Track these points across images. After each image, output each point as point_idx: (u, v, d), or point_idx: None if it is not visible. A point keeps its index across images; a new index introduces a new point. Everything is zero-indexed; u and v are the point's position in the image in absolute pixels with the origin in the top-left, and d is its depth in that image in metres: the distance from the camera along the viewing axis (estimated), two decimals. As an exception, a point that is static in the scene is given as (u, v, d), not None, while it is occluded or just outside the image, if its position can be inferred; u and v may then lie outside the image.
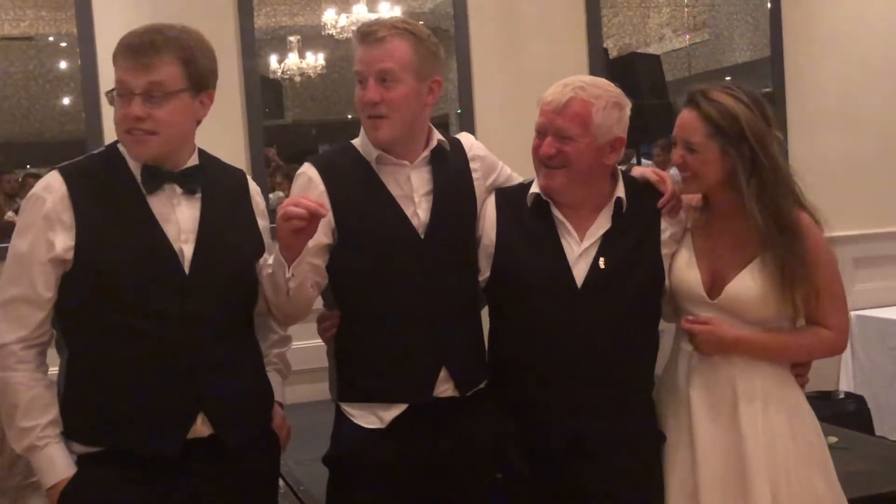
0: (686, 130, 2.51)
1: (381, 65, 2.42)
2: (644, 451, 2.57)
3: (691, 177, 2.51)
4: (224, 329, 2.31)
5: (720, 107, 2.47)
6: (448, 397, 2.49)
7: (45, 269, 2.23)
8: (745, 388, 2.51)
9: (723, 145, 2.46)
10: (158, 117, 2.22)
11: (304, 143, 5.59)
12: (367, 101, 2.43)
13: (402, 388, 2.46)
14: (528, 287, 2.51)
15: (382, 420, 2.45)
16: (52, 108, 4.52)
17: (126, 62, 2.22)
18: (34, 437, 2.24)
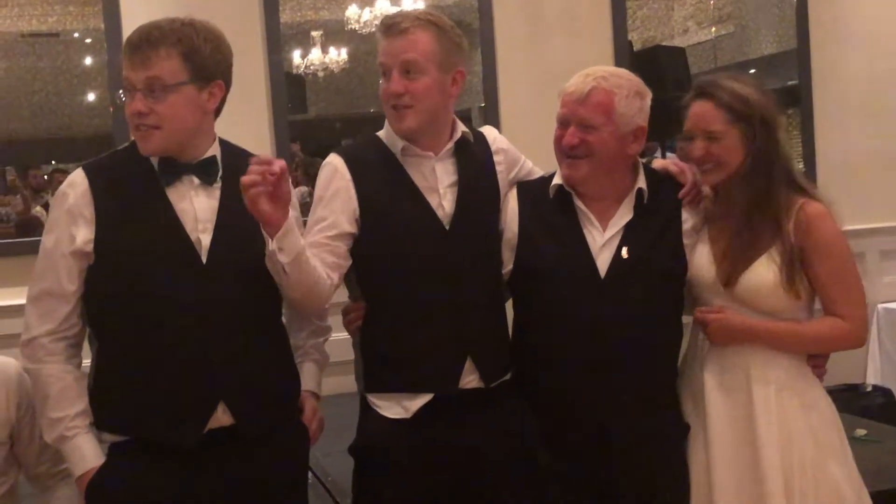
0: (705, 121, 2.52)
1: (405, 56, 2.43)
2: (670, 443, 2.58)
3: (714, 167, 2.51)
4: (244, 318, 2.32)
5: (732, 92, 2.51)
6: (473, 388, 2.49)
7: (67, 263, 2.27)
8: (758, 375, 2.51)
9: (743, 129, 2.49)
10: (160, 112, 2.24)
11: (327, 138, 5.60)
12: (392, 92, 2.44)
13: (427, 379, 2.47)
14: (551, 278, 2.51)
15: (408, 410, 2.45)
16: (80, 104, 4.55)
17: (127, 59, 2.25)
18: (63, 427, 2.28)
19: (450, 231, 2.48)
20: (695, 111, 2.55)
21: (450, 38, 2.48)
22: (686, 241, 2.58)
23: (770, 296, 2.48)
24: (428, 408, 2.46)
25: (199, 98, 2.29)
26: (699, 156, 2.53)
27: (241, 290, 2.31)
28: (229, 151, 2.41)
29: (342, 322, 2.59)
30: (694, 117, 2.55)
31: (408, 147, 2.49)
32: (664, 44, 5.64)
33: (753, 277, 2.49)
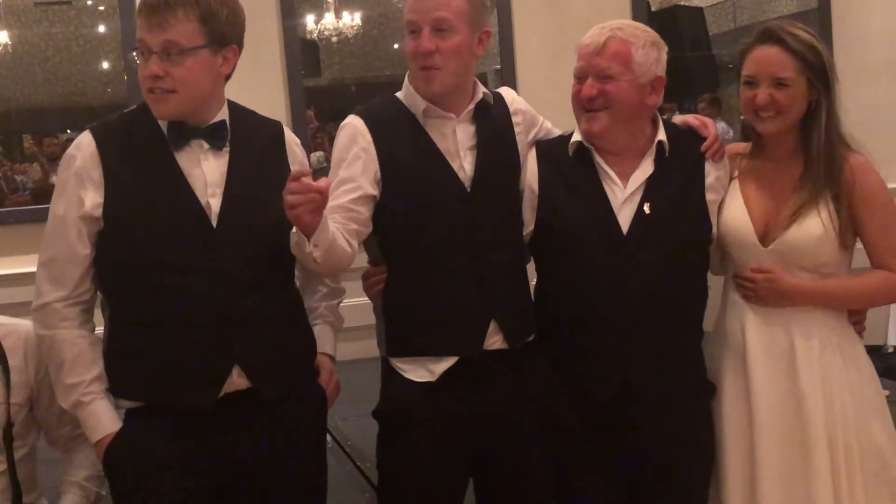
0: (774, 66, 2.46)
1: (437, 13, 2.38)
2: (693, 403, 2.56)
3: (775, 115, 2.47)
4: (256, 281, 2.30)
5: (801, 39, 2.46)
6: (497, 350, 2.48)
7: (78, 226, 2.25)
8: (801, 338, 2.48)
9: (810, 79, 2.45)
10: (176, 75, 2.20)
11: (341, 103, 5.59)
12: (422, 50, 2.38)
13: (452, 341, 2.45)
14: (572, 236, 2.49)
15: (433, 373, 2.44)
16: (94, 71, 4.54)
17: (143, 21, 2.21)
18: (79, 392, 2.28)
19: (471, 193, 2.46)
20: (762, 55, 2.48)
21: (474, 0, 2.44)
22: (710, 196, 2.55)
23: (813, 249, 2.46)
24: (453, 370, 2.44)
25: (214, 62, 2.26)
26: (763, 102, 2.47)
27: (253, 253, 2.30)
28: (238, 115, 2.39)
29: (362, 286, 2.57)
30: (761, 62, 2.48)
31: (430, 108, 2.45)
32: (682, 3, 5.58)
33: (796, 232, 2.46)
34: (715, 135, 2.58)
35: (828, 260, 2.48)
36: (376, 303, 2.56)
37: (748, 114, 2.53)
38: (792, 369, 2.48)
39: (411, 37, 2.40)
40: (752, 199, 2.53)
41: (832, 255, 2.47)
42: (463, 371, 2.44)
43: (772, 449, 2.47)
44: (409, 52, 2.41)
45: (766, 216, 2.51)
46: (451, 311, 2.44)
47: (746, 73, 2.51)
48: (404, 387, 2.46)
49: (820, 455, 2.44)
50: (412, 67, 2.43)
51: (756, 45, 2.50)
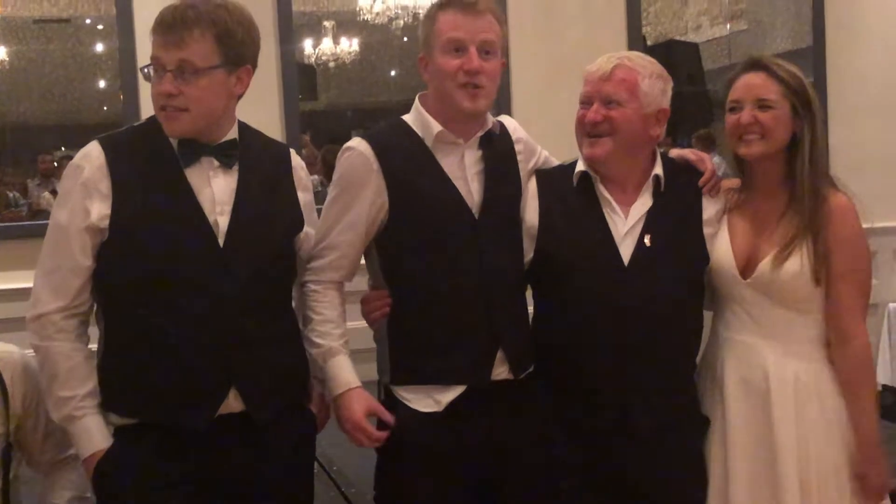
0: (758, 89, 2.51)
1: (485, 35, 2.40)
2: (689, 434, 2.56)
3: (759, 138, 2.49)
4: (259, 303, 2.30)
5: (786, 69, 2.52)
6: (503, 380, 2.47)
7: (82, 237, 2.24)
8: (776, 373, 2.49)
9: (794, 105, 2.49)
10: (189, 94, 2.20)
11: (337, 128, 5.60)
12: (472, 68, 2.38)
13: (460, 370, 2.43)
14: (574, 266, 2.49)
15: (439, 403, 2.42)
16: (90, 90, 4.54)
17: (159, 38, 2.21)
18: (72, 407, 2.26)
19: (479, 220, 2.46)
20: (747, 81, 2.53)
21: (504, 27, 2.48)
22: (707, 231, 2.56)
23: (789, 285, 2.46)
24: (459, 400, 2.43)
25: (227, 82, 2.26)
26: (747, 122, 2.50)
27: (256, 273, 2.29)
28: (248, 134, 2.39)
29: (362, 311, 2.55)
30: (746, 86, 2.53)
31: (443, 133, 2.45)
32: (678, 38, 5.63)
33: (777, 266, 2.47)
34: (712, 170, 2.59)
35: (804, 297, 2.48)
36: (376, 328, 2.54)
37: (733, 140, 2.55)
38: (766, 405, 2.48)
39: (454, 55, 2.39)
40: (737, 232, 2.55)
41: (808, 292, 2.48)
42: (468, 401, 2.42)
43: (744, 487, 2.47)
44: (450, 69, 2.39)
45: (748, 249, 2.52)
46: (458, 338, 2.43)
47: (731, 99, 2.55)
48: (410, 417, 2.43)
49: (791, 496, 2.44)
50: (448, 85, 2.40)
51: (742, 72, 2.56)
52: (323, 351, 2.43)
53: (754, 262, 2.50)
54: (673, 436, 2.51)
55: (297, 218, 2.43)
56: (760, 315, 2.51)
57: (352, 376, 2.43)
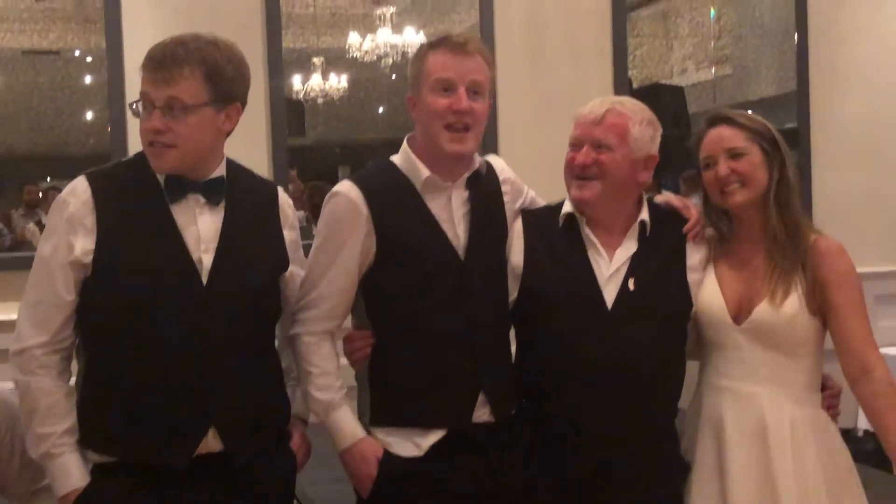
0: (726, 140, 2.54)
1: (474, 76, 2.41)
2: (669, 480, 2.54)
3: (740, 186, 2.51)
4: (240, 342, 2.28)
5: (747, 117, 2.57)
6: (483, 422, 2.46)
7: (65, 272, 2.22)
8: (774, 419, 2.48)
9: (763, 148, 2.52)
10: (178, 131, 2.20)
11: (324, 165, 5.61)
12: (461, 108, 2.38)
13: (440, 413, 2.42)
14: (557, 307, 2.49)
15: (420, 447, 2.41)
16: (78, 122, 4.54)
17: (149, 74, 2.20)
18: (50, 444, 2.24)
19: (465, 261, 2.45)
20: (713, 135, 2.56)
21: (493, 69, 2.49)
22: (691, 277, 2.57)
23: (784, 329, 2.47)
24: (440, 444, 2.41)
25: (216, 119, 2.26)
26: (724, 174, 2.52)
27: (240, 312, 2.28)
28: (236, 172, 2.39)
29: (344, 350, 2.53)
30: (713, 140, 2.56)
31: (432, 178, 2.44)
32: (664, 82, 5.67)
33: (767, 310, 2.47)
34: (696, 217, 2.60)
35: (799, 339, 2.49)
36: (358, 368, 2.53)
37: (714, 195, 2.56)
38: (765, 450, 2.48)
39: (443, 94, 2.39)
40: (726, 279, 2.55)
41: (806, 334, 2.49)
42: (449, 444, 2.41)
43: None
44: (438, 108, 2.39)
45: (739, 295, 2.52)
46: (440, 380, 2.42)
47: (704, 156, 2.58)
48: (390, 461, 2.41)
49: None
50: (435, 125, 2.40)
51: (706, 129, 2.59)
52: (325, 405, 2.42)
53: (748, 308, 2.50)
54: (654, 481, 2.49)
55: (283, 257, 2.42)
56: (754, 361, 2.51)
57: (358, 427, 2.43)
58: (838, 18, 5.26)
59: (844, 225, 2.63)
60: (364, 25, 5.18)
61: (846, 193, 5.18)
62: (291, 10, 4.75)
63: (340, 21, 5.34)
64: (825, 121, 5.26)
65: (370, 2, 5.26)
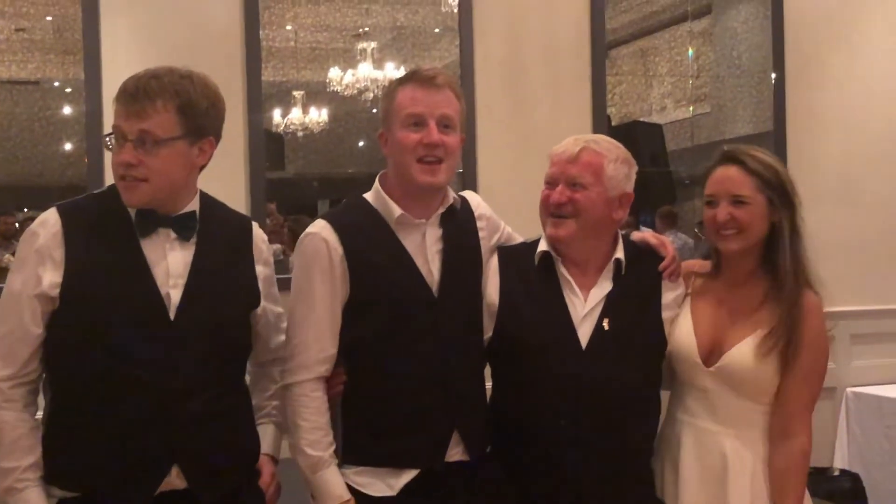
0: (733, 184, 2.50)
1: (444, 110, 2.42)
2: None
3: (737, 233, 2.50)
4: (208, 379, 2.25)
5: (763, 161, 2.51)
6: (457, 461, 2.44)
7: (32, 305, 2.20)
8: (735, 459, 2.48)
9: (770, 198, 2.49)
10: (150, 165, 2.18)
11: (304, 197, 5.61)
12: (431, 141, 2.39)
13: (413, 454, 2.40)
14: (532, 347, 2.48)
15: (393, 488, 2.39)
16: (55, 152, 4.53)
17: (121, 107, 2.19)
18: (13, 479, 2.20)
19: (438, 299, 2.45)
20: (722, 175, 2.53)
21: (462, 102, 2.50)
22: (665, 315, 2.57)
23: (751, 376, 2.46)
24: (413, 483, 2.39)
25: (189, 153, 2.25)
26: (723, 220, 2.50)
27: (207, 349, 2.25)
28: (209, 206, 2.37)
29: None
30: (721, 181, 2.53)
31: (403, 216, 2.44)
32: (642, 119, 5.71)
33: (738, 356, 2.47)
34: (672, 255, 2.61)
35: (763, 389, 2.48)
36: (331, 407, 2.49)
37: (710, 233, 2.56)
38: (723, 493, 2.47)
39: (414, 129, 2.40)
40: (702, 319, 2.54)
41: (766, 385, 2.48)
42: (422, 484, 2.39)
43: None
44: (409, 143, 2.39)
45: (712, 337, 2.52)
46: (413, 420, 2.40)
47: (707, 193, 2.56)
48: (362, 502, 2.39)
49: None
50: (407, 160, 2.40)
51: (717, 165, 2.55)
52: (313, 462, 2.39)
53: (719, 351, 2.50)
54: None
55: (255, 293, 2.39)
56: (719, 403, 2.51)
57: (343, 489, 2.39)
58: (815, 60, 5.31)
59: (820, 264, 2.63)
60: (345, 60, 5.20)
61: (822, 233, 5.12)
62: (272, 44, 4.76)
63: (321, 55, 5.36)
64: (801, 161, 5.29)
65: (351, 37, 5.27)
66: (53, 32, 4.38)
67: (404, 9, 5.12)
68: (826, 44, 5.34)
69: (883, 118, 5.43)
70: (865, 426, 4.99)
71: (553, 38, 4.89)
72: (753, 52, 5.56)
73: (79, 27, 4.21)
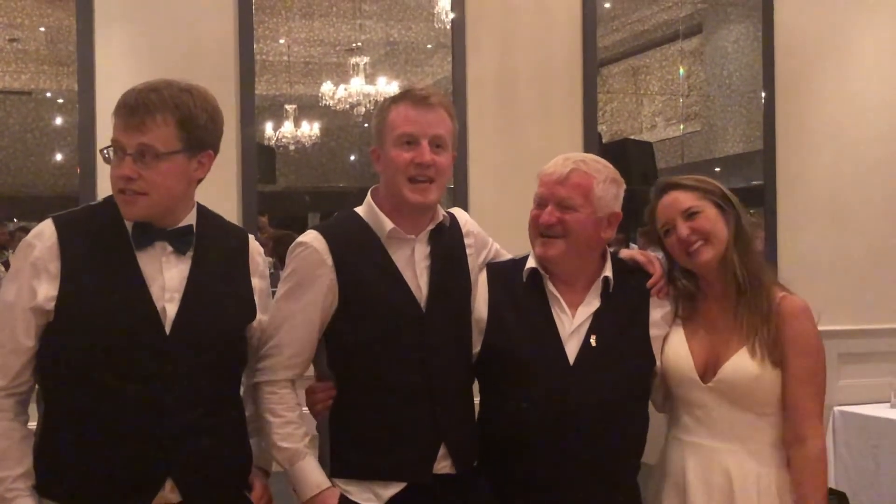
0: (679, 202, 2.55)
1: (436, 130, 2.43)
2: None
3: (704, 242, 2.52)
4: (204, 392, 2.25)
5: (694, 177, 2.60)
6: (445, 474, 2.44)
7: (26, 318, 2.19)
8: (739, 475, 2.48)
9: (716, 203, 2.54)
10: (148, 178, 2.17)
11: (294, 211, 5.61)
12: (423, 161, 2.40)
13: (401, 466, 2.41)
14: (519, 363, 2.49)
15: (380, 497, 2.39)
16: (47, 163, 4.53)
17: (121, 121, 2.18)
18: (3, 488, 2.19)
19: (426, 314, 2.45)
20: (666, 201, 2.58)
21: (455, 121, 2.51)
22: (654, 332, 2.57)
23: (750, 388, 2.47)
24: (400, 495, 2.39)
25: (188, 167, 2.24)
26: (686, 235, 2.53)
27: (203, 363, 2.24)
28: (206, 219, 2.36)
29: (306, 402, 2.52)
30: (667, 206, 2.57)
31: (395, 230, 2.45)
32: (633, 137, 5.73)
33: (733, 369, 2.48)
34: (660, 273, 2.61)
35: (764, 400, 2.49)
36: (319, 419, 2.51)
37: (681, 258, 2.57)
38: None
39: (406, 148, 2.41)
40: (694, 337, 2.56)
41: (772, 392, 2.49)
42: (410, 496, 2.39)
43: None
44: (401, 162, 2.40)
45: (706, 353, 2.53)
46: (401, 433, 2.40)
47: (661, 224, 2.59)
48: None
49: None
50: (398, 178, 2.41)
51: (658, 198, 2.59)
52: (289, 454, 2.40)
53: (714, 367, 2.51)
54: None
55: (251, 307, 2.39)
56: (720, 418, 2.51)
57: (322, 477, 2.40)
58: (805, 79, 5.35)
59: (809, 282, 2.65)
60: (337, 74, 5.22)
61: (811, 251, 5.23)
62: (266, 58, 4.78)
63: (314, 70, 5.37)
64: (791, 179, 5.32)
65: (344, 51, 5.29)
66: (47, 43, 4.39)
67: (398, 24, 5.15)
68: (815, 63, 5.38)
69: (872, 136, 5.47)
70: (852, 445, 4.99)
71: (545, 55, 4.92)
72: (744, 70, 5.59)
73: (72, 38, 4.23)
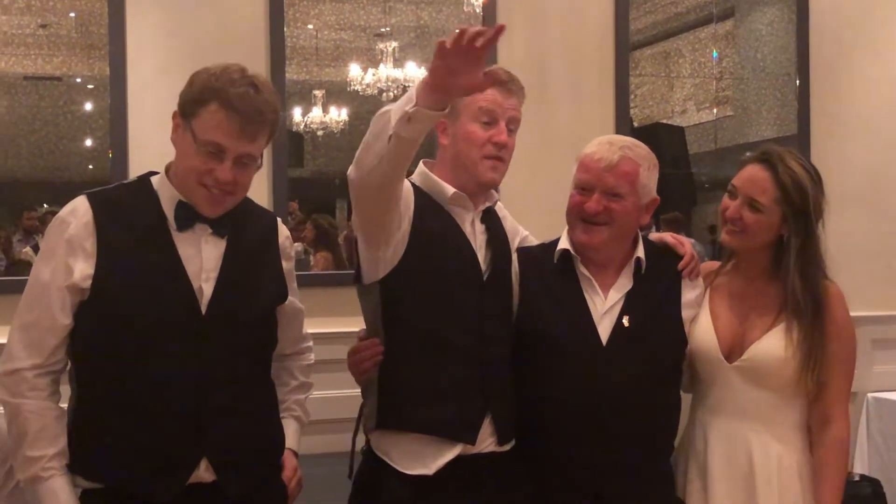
0: (755, 187, 2.50)
1: (514, 113, 2.50)
2: None
3: (739, 232, 2.50)
4: (238, 372, 2.27)
5: (795, 176, 2.49)
6: (489, 452, 2.45)
7: (62, 295, 2.20)
8: (761, 457, 2.47)
9: (785, 213, 2.48)
10: (241, 182, 2.24)
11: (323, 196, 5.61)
12: (500, 141, 2.45)
13: (449, 424, 2.40)
14: (552, 343, 2.49)
15: (429, 468, 2.39)
16: (78, 148, 4.54)
17: (232, 126, 2.17)
18: (39, 467, 2.21)
19: (486, 283, 2.48)
20: (751, 172, 2.53)
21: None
22: (685, 314, 2.57)
23: (777, 369, 2.47)
24: (447, 469, 2.39)
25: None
26: (732, 215, 2.51)
27: (237, 343, 2.27)
28: (241, 202, 2.37)
29: (349, 363, 2.51)
30: (746, 178, 2.54)
31: (458, 195, 2.47)
32: (664, 122, 5.69)
33: (762, 350, 2.46)
34: (691, 254, 2.61)
35: (788, 382, 2.50)
36: (363, 378, 2.50)
37: (721, 220, 2.56)
38: (751, 489, 2.49)
39: (484, 126, 2.45)
40: (721, 316, 2.55)
41: (792, 378, 2.49)
42: (457, 471, 2.39)
43: None
44: (478, 138, 2.45)
45: (733, 333, 2.52)
46: (451, 390, 2.41)
47: (732, 183, 2.56)
48: (398, 482, 2.39)
49: None
50: (474, 154, 2.45)
51: (752, 161, 2.55)
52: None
53: (740, 347, 2.50)
54: None
55: (282, 288, 2.42)
56: (744, 399, 2.51)
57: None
58: (840, 64, 5.29)
59: (842, 268, 2.62)
60: (366, 59, 5.20)
61: (845, 237, 5.13)
62: (295, 43, 4.76)
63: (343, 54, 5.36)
64: (824, 165, 5.18)
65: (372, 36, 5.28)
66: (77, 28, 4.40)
67: (427, 8, 5.12)
68: (851, 47, 5.31)
69: (908, 122, 5.40)
70: (886, 432, 4.96)
71: (576, 39, 4.89)
72: (778, 54, 5.52)
73: (103, 23, 4.23)
